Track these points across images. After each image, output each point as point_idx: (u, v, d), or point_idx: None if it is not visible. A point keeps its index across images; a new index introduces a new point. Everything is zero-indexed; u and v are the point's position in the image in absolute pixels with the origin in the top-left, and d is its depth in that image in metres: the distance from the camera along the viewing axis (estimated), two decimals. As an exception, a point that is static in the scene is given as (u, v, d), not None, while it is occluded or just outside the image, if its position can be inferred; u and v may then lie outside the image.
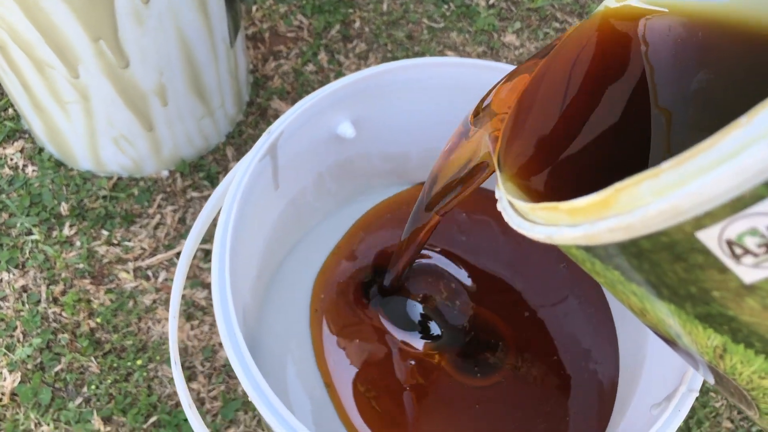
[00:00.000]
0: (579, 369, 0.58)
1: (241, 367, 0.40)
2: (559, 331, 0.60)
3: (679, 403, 0.43)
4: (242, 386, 0.40)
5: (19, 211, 0.87)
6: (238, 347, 0.41)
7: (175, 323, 0.45)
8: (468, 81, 0.56)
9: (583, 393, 0.58)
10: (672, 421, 0.43)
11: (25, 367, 0.79)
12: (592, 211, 0.24)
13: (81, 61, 0.72)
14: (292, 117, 0.51)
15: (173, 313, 0.45)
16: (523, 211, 0.30)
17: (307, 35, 1.06)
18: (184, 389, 0.43)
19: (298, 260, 0.62)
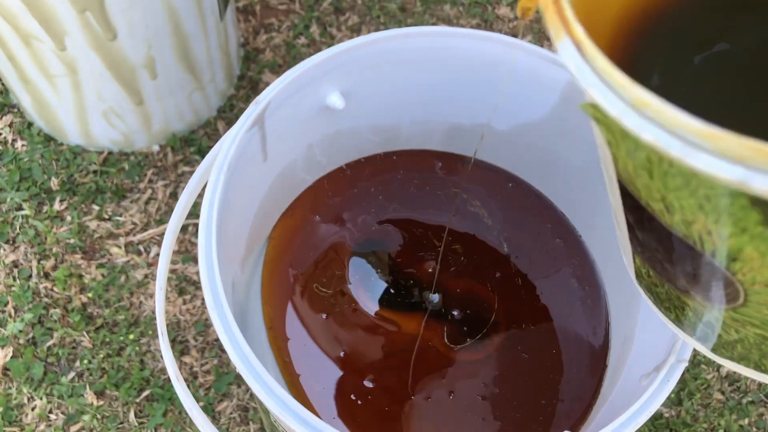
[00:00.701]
0: (571, 342, 0.58)
1: (227, 336, 0.40)
2: (552, 305, 0.60)
3: (668, 373, 0.43)
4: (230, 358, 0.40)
5: (9, 186, 0.87)
6: (225, 318, 0.41)
7: (162, 295, 0.44)
8: (458, 51, 0.56)
9: (575, 365, 0.58)
10: (660, 391, 0.43)
11: (16, 342, 0.79)
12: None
13: (67, 33, 0.71)
14: (280, 87, 0.50)
15: (160, 285, 0.45)
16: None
17: (298, 7, 1.04)
18: (171, 360, 0.43)
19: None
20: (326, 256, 0.61)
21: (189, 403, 0.44)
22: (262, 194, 0.57)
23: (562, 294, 0.60)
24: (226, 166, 0.47)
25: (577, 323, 0.59)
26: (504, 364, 0.57)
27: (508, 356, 0.57)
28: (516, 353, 0.58)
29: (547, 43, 1.05)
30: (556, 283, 0.61)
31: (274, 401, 0.40)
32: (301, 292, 0.59)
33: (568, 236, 0.62)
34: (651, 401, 0.42)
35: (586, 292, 0.60)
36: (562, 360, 0.58)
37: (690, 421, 0.80)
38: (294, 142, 0.57)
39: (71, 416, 0.76)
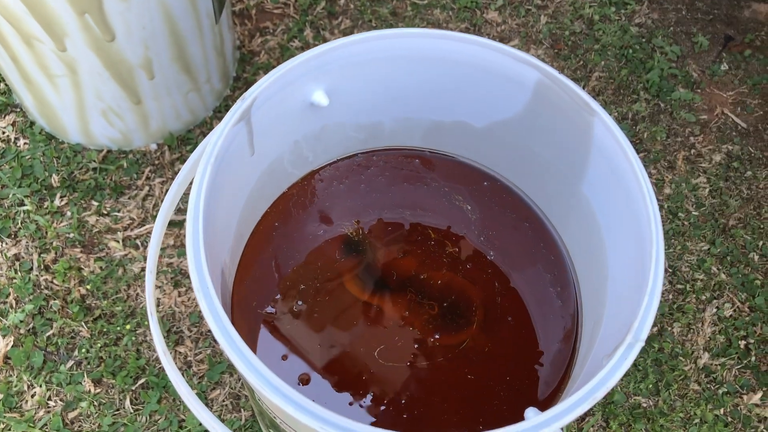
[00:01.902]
0: (544, 329, 0.61)
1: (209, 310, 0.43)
2: (524, 291, 0.62)
3: (625, 352, 0.46)
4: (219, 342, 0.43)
5: (11, 183, 0.90)
6: (211, 300, 0.44)
7: (152, 278, 0.47)
8: (436, 52, 0.59)
9: (548, 349, 0.60)
10: (617, 369, 0.45)
11: (17, 332, 0.82)
12: None
13: (68, 34, 0.74)
14: (266, 83, 0.53)
15: (150, 268, 0.47)
16: None
17: (293, 12, 1.08)
18: (160, 338, 0.46)
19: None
20: (311, 248, 0.64)
21: (175, 377, 0.46)
22: (250, 187, 0.60)
23: (537, 284, 0.63)
24: (213, 158, 0.50)
25: (550, 311, 0.62)
26: (479, 349, 0.60)
27: (483, 342, 0.60)
28: (491, 339, 0.60)
29: (533, 47, 1.08)
30: (530, 274, 0.64)
31: (255, 375, 0.43)
32: (285, 282, 0.62)
33: (542, 230, 0.65)
34: (606, 379, 0.45)
35: (558, 282, 0.63)
36: (535, 344, 0.61)
37: (667, 410, 0.83)
38: (280, 138, 0.60)
39: (69, 403, 0.78)
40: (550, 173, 0.62)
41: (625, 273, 0.54)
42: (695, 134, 1.02)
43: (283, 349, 0.58)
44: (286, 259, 0.63)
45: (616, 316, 0.54)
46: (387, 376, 0.57)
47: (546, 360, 0.60)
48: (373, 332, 0.60)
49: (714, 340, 0.87)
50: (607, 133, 0.53)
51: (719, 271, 0.92)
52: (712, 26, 1.13)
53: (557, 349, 0.60)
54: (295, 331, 0.59)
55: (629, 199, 0.53)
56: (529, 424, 0.43)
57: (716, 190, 0.98)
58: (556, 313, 0.62)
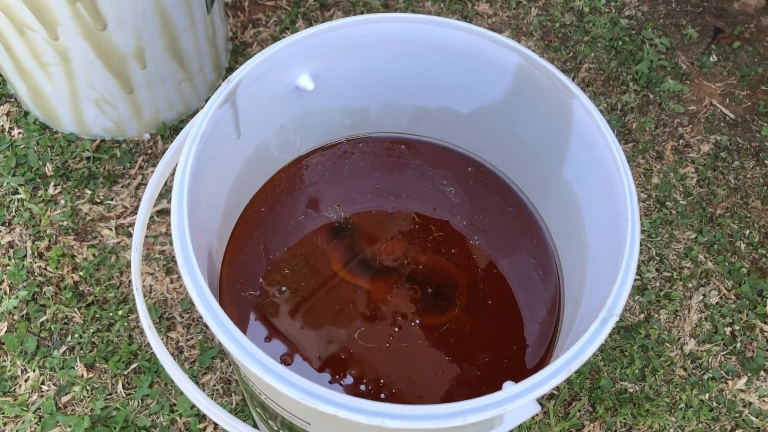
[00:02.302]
0: (527, 310, 0.62)
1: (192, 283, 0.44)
2: (508, 273, 0.63)
3: (599, 326, 0.47)
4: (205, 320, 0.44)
5: (6, 172, 0.91)
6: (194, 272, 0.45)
7: (138, 255, 0.48)
8: (423, 37, 0.60)
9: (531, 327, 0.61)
10: (591, 343, 0.46)
11: (11, 318, 0.83)
12: None
13: (59, 23, 0.75)
14: (252, 66, 0.54)
15: (136, 245, 0.48)
16: None
17: (285, 3, 1.09)
18: (145, 313, 0.47)
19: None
20: (298, 232, 0.65)
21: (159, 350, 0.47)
22: (237, 170, 0.61)
23: (520, 266, 0.64)
24: (198, 138, 0.51)
25: (533, 292, 0.63)
26: (462, 330, 0.61)
27: (466, 323, 0.61)
28: (474, 320, 0.61)
29: (524, 39, 1.09)
30: (514, 256, 0.65)
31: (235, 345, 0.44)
32: (272, 265, 0.63)
33: (526, 213, 0.66)
34: (581, 352, 0.45)
35: (541, 264, 0.64)
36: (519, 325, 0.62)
37: (653, 395, 0.84)
38: (267, 121, 0.61)
39: (62, 387, 0.80)
40: (532, 157, 0.63)
41: (604, 253, 0.55)
42: (684, 125, 1.03)
43: (268, 330, 0.59)
44: (273, 243, 0.64)
45: (594, 294, 0.55)
46: (367, 357, 0.58)
47: (530, 339, 0.61)
48: (356, 314, 0.61)
49: (700, 327, 0.88)
50: (586, 115, 0.54)
51: (706, 259, 0.93)
52: (701, 18, 1.14)
53: (540, 328, 0.61)
54: (279, 313, 0.60)
55: (607, 180, 0.54)
56: (505, 394, 0.44)
57: (704, 179, 0.99)
58: (539, 293, 0.63)
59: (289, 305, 0.61)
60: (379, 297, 0.62)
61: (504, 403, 0.43)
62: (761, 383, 0.86)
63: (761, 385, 0.85)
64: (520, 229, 0.66)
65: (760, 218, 0.96)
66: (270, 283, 0.62)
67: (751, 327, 0.89)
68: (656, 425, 0.82)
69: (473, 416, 0.43)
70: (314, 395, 0.42)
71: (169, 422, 0.78)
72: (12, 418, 0.78)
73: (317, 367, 0.58)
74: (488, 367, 0.60)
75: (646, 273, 0.91)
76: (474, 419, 0.43)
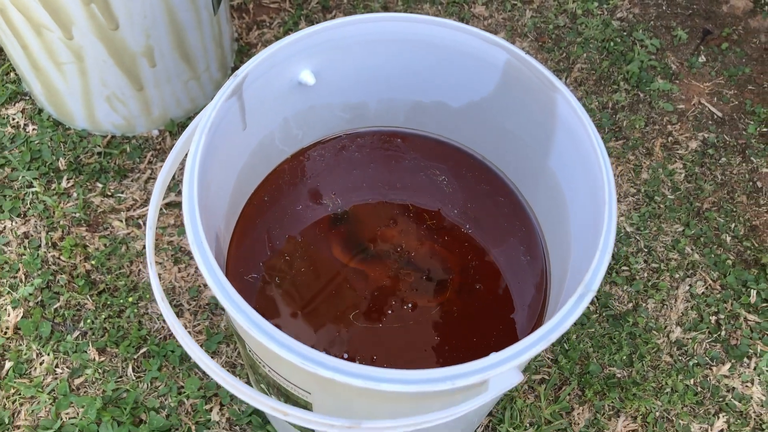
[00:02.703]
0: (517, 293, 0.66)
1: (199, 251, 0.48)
2: (498, 258, 0.67)
3: (577, 301, 0.50)
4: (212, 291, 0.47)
5: (21, 166, 0.95)
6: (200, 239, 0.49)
7: (152, 234, 0.52)
8: (419, 36, 0.63)
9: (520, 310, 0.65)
10: (569, 316, 0.49)
11: (27, 305, 0.87)
12: None
13: (74, 23, 0.79)
14: (257, 62, 0.58)
15: (150, 224, 0.52)
16: None
17: (288, 6, 1.13)
18: (157, 285, 0.50)
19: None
20: (299, 220, 0.69)
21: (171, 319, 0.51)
22: (244, 160, 0.65)
23: (510, 251, 0.68)
24: (207, 128, 0.54)
25: (522, 275, 0.67)
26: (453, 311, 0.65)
27: (458, 305, 0.65)
28: (465, 302, 0.65)
29: (519, 40, 1.13)
30: (503, 242, 0.68)
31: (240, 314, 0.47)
32: (274, 250, 0.67)
33: (515, 202, 0.70)
34: (559, 324, 0.49)
35: (529, 249, 0.68)
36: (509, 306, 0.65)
37: (640, 380, 0.87)
38: (271, 114, 0.65)
39: (75, 370, 0.83)
40: (521, 149, 0.67)
41: (584, 236, 0.58)
42: (672, 122, 1.07)
43: (269, 310, 0.63)
44: (275, 230, 0.68)
45: (576, 275, 0.58)
46: (361, 337, 0.62)
47: (519, 319, 0.65)
48: (352, 296, 0.65)
49: (686, 316, 0.92)
50: (569, 108, 0.58)
51: (693, 251, 0.97)
52: (691, 20, 1.17)
53: (528, 310, 0.65)
54: (279, 295, 0.64)
55: (588, 168, 0.57)
56: (489, 361, 0.47)
57: (692, 175, 1.03)
58: (527, 277, 0.67)
59: (289, 288, 0.65)
60: (374, 281, 0.65)
61: (488, 369, 0.47)
62: (744, 369, 0.89)
63: (744, 371, 0.89)
64: (509, 216, 0.69)
65: (745, 212, 1.00)
66: (271, 267, 0.66)
67: (736, 316, 0.92)
68: (643, 408, 0.86)
69: (460, 381, 0.46)
70: (314, 360, 0.46)
71: (176, 403, 0.82)
72: (28, 398, 0.82)
73: (312, 344, 0.62)
74: (478, 344, 0.63)
75: (634, 264, 0.95)
76: (461, 383, 0.46)
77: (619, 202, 0.99)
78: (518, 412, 0.84)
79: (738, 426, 0.86)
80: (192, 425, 0.81)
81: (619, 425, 0.85)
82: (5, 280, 0.88)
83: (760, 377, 0.89)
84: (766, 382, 0.88)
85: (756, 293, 0.94)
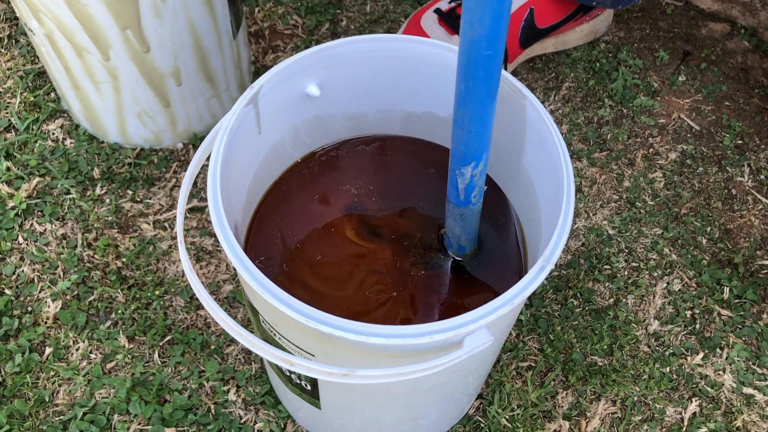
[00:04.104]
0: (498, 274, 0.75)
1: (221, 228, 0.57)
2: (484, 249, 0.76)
3: (538, 271, 0.58)
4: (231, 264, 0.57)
5: (60, 175, 1.06)
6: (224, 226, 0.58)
7: (181, 218, 0.62)
8: (409, 53, 0.73)
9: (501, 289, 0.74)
10: (530, 284, 0.57)
11: (65, 297, 0.97)
12: None
13: (111, 46, 0.90)
14: (269, 76, 0.68)
15: (180, 209, 0.62)
16: None
17: (301, 32, 1.24)
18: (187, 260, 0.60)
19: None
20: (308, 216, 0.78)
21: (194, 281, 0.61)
22: (259, 161, 0.74)
23: (493, 239, 0.77)
24: (228, 131, 0.64)
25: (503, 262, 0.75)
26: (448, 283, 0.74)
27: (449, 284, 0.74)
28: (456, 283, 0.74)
29: (511, 61, 1.22)
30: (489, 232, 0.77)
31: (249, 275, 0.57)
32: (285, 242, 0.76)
33: (497, 197, 0.79)
34: (523, 290, 0.57)
35: (510, 238, 0.77)
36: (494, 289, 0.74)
37: (619, 368, 0.95)
38: (282, 122, 0.74)
39: (107, 356, 0.93)
40: (499, 151, 0.76)
41: (551, 225, 0.67)
42: (653, 135, 1.16)
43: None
44: (285, 225, 0.78)
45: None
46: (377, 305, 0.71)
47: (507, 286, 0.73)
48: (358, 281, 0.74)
49: (664, 310, 1.00)
50: (535, 113, 0.67)
51: (671, 252, 1.05)
52: (672, 43, 1.27)
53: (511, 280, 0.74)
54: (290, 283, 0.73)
55: (552, 165, 0.66)
56: (461, 320, 0.56)
57: (671, 183, 1.11)
58: (508, 263, 0.76)
59: (299, 275, 0.74)
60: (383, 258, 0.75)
61: (461, 326, 0.55)
62: (717, 359, 0.97)
63: (717, 360, 0.97)
64: (493, 210, 0.78)
65: (720, 217, 1.08)
66: (283, 257, 0.76)
67: (710, 311, 1.00)
68: (622, 393, 0.93)
69: (437, 336, 0.55)
70: (315, 318, 0.55)
71: (197, 386, 0.91)
72: (66, 380, 0.91)
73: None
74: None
75: (616, 263, 1.03)
76: (438, 338, 0.55)
77: (602, 208, 1.08)
78: (506, 396, 0.92)
79: (710, 410, 0.93)
80: (211, 405, 0.90)
81: (600, 408, 0.93)
82: (46, 276, 0.98)
83: (731, 366, 0.96)
84: (736, 371, 0.96)
85: (729, 290, 1.02)
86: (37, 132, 1.10)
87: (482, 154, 0.62)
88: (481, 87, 0.56)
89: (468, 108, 0.58)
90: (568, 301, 0.99)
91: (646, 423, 0.92)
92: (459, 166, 0.63)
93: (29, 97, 1.13)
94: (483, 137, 0.61)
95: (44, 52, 0.96)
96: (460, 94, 0.57)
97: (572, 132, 1.15)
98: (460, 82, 0.56)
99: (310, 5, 1.26)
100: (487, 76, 0.55)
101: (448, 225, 0.71)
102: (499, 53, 0.53)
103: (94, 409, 0.89)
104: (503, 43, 0.52)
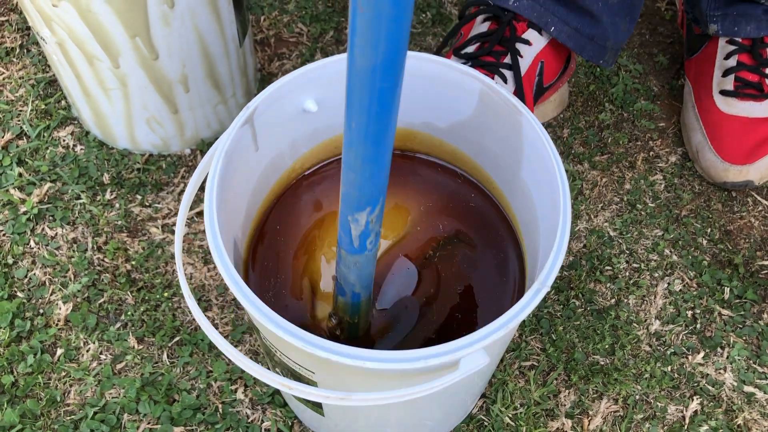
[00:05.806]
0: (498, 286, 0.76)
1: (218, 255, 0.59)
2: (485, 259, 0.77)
3: (534, 295, 0.56)
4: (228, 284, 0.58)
5: (71, 181, 1.08)
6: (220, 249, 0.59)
7: (180, 231, 0.63)
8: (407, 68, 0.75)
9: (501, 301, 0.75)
10: (526, 307, 0.56)
11: (75, 299, 0.99)
12: None
13: (121, 54, 0.92)
14: (265, 95, 0.67)
15: (178, 233, 0.63)
16: None
17: (306, 40, 1.26)
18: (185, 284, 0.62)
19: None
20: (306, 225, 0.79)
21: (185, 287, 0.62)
22: (257, 176, 0.75)
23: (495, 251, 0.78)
24: (224, 152, 0.64)
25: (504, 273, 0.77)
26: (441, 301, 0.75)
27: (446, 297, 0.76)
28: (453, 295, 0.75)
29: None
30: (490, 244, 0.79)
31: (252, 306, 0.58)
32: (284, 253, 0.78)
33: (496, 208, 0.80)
34: (517, 314, 0.56)
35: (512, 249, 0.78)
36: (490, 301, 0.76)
37: (621, 367, 0.97)
38: (280, 138, 0.75)
39: (117, 356, 0.95)
40: (499, 164, 0.77)
41: (549, 240, 0.68)
42: (654, 139, 1.17)
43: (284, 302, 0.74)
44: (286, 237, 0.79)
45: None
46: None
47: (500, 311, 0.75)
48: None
49: (665, 311, 1.01)
50: (531, 128, 0.68)
51: (671, 253, 1.06)
52: (671, 48, 1.29)
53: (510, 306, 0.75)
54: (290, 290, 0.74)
55: (548, 177, 0.66)
56: (458, 344, 0.55)
57: (671, 185, 1.13)
58: (508, 274, 0.77)
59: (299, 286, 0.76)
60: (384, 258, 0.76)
61: (455, 350, 0.55)
62: (717, 358, 0.98)
63: (717, 359, 0.98)
64: (492, 222, 0.80)
65: (720, 218, 1.10)
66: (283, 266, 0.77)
67: (710, 311, 1.02)
68: (624, 392, 0.95)
69: (432, 360, 0.55)
70: (313, 344, 0.55)
71: (206, 385, 0.93)
72: (76, 380, 0.93)
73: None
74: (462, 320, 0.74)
75: (617, 264, 1.05)
76: (434, 362, 0.54)
77: (604, 210, 1.10)
78: (510, 395, 0.94)
79: (711, 408, 0.94)
80: (219, 404, 0.92)
81: (602, 406, 0.94)
82: (57, 279, 1.00)
83: (732, 365, 0.97)
84: (737, 370, 0.97)
85: (729, 290, 1.03)
86: (48, 139, 1.13)
87: (379, 198, 0.51)
88: (376, 125, 0.44)
89: (361, 149, 0.46)
90: (570, 302, 1.01)
91: (648, 421, 0.93)
92: (352, 212, 0.53)
93: (41, 105, 1.15)
94: (379, 179, 0.50)
95: (55, 60, 0.99)
96: (350, 132, 0.46)
97: (574, 136, 1.17)
98: (351, 118, 0.45)
99: (315, 13, 1.29)
100: (383, 112, 0.43)
101: (340, 272, 0.62)
102: (398, 84, 0.42)
103: (105, 409, 0.91)
104: (402, 70, 0.42)
